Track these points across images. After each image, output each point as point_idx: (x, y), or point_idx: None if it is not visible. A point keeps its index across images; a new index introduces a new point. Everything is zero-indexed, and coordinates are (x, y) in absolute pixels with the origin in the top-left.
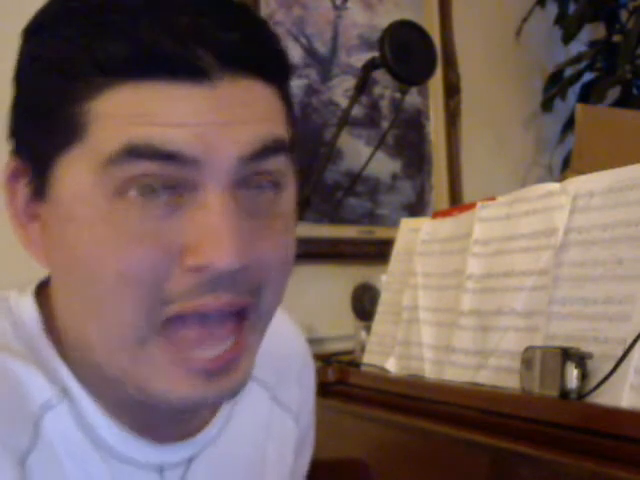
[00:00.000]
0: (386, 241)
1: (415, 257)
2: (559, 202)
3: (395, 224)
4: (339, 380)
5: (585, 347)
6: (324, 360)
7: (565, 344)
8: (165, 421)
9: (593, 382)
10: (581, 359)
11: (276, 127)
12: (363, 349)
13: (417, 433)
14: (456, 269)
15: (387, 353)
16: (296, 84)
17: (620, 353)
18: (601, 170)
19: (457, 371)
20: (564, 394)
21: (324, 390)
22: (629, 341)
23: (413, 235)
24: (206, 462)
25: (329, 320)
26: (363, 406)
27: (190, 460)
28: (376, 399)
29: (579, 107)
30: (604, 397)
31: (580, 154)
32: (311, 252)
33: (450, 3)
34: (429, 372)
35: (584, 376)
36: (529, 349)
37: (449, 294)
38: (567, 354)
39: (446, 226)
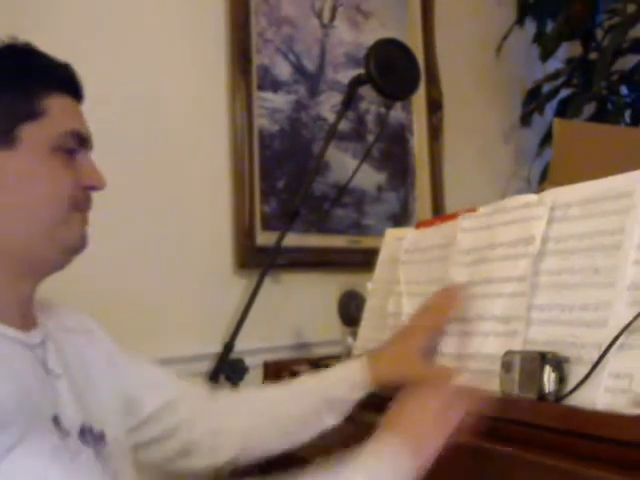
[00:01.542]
0: (372, 250)
1: (399, 265)
2: (537, 212)
3: (380, 234)
4: None
5: (562, 351)
6: (312, 364)
7: (543, 349)
8: (22, 312)
9: (570, 385)
10: (558, 363)
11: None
12: (350, 354)
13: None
14: (439, 277)
15: None
16: (285, 99)
17: (596, 357)
18: (578, 182)
19: None
20: (542, 396)
21: None
22: (604, 346)
23: (397, 244)
24: (52, 346)
25: (317, 326)
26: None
27: (43, 342)
28: (365, 402)
29: (556, 122)
30: (580, 399)
31: (557, 167)
32: (300, 261)
33: (433, 22)
34: None
35: (561, 379)
36: (508, 353)
37: None
38: (545, 358)
39: (428, 236)
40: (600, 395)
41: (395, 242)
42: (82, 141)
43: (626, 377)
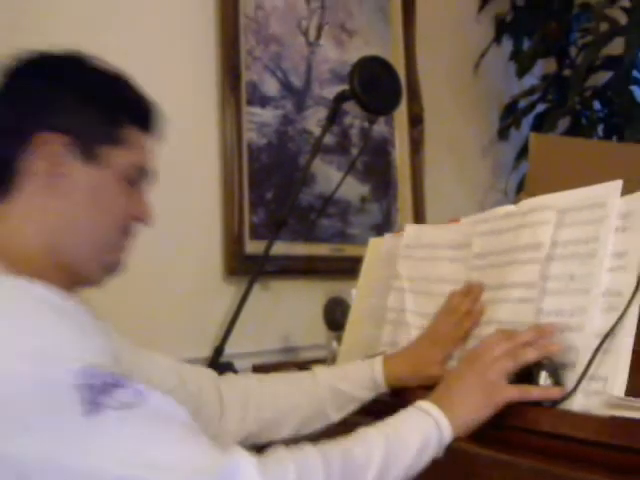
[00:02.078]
0: (356, 258)
1: (398, 260)
2: (545, 217)
3: (364, 243)
4: None
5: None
6: (299, 367)
7: None
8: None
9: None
10: (554, 369)
11: None
12: (335, 357)
13: None
14: (451, 278)
15: (360, 354)
16: (273, 114)
17: (573, 361)
18: (553, 193)
19: None
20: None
21: None
22: (581, 350)
23: (391, 242)
24: None
25: (303, 331)
26: None
27: None
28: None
29: (532, 136)
30: (568, 403)
31: (533, 179)
32: (287, 268)
33: (414, 40)
34: None
35: (557, 384)
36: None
37: (439, 300)
38: (541, 364)
39: (431, 233)
40: (576, 397)
41: (385, 242)
42: (145, 177)
43: (601, 380)
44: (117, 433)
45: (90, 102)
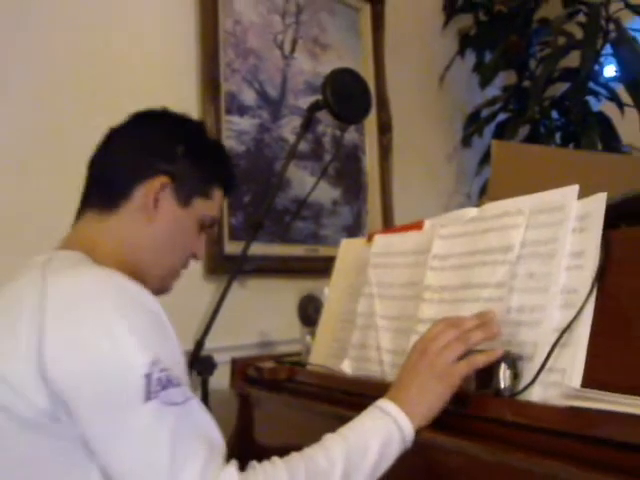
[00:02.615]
0: (328, 258)
1: (368, 268)
2: (516, 221)
3: (336, 244)
4: (289, 378)
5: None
6: (276, 360)
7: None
8: None
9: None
10: (513, 361)
11: None
12: (308, 351)
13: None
14: (412, 281)
15: (332, 355)
16: (250, 123)
17: (532, 354)
18: (514, 197)
19: None
20: (498, 392)
21: (275, 386)
22: (540, 344)
23: (361, 250)
24: None
25: (279, 326)
26: (309, 400)
27: None
28: (320, 394)
29: (494, 143)
30: (527, 394)
31: (495, 183)
32: (264, 268)
33: (383, 54)
34: (389, 374)
35: (516, 376)
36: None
37: (406, 303)
38: (500, 357)
39: (398, 242)
40: (535, 389)
41: (355, 249)
42: (212, 226)
43: (559, 372)
44: (154, 422)
45: (197, 161)
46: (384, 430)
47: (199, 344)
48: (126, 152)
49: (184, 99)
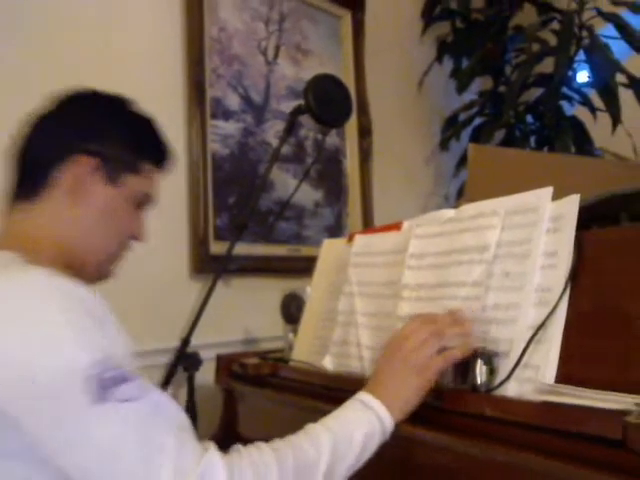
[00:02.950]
0: (310, 258)
1: (349, 268)
2: (491, 222)
3: (318, 244)
4: (272, 374)
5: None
6: (259, 357)
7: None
8: None
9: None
10: (489, 357)
11: None
12: (291, 348)
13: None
14: (391, 280)
15: (314, 352)
16: (235, 127)
17: (507, 351)
18: (490, 199)
19: None
20: (474, 387)
21: (259, 381)
22: (515, 341)
23: (342, 250)
24: None
25: (262, 323)
26: (291, 395)
27: None
28: (302, 389)
29: (471, 146)
30: (503, 389)
31: (472, 186)
32: (248, 267)
33: (363, 60)
34: (368, 370)
35: (492, 372)
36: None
37: (385, 301)
38: (477, 352)
39: (377, 241)
40: (511, 384)
41: (336, 249)
42: (149, 203)
43: (533, 368)
44: (114, 422)
45: (123, 137)
46: (367, 422)
47: (185, 341)
48: (46, 135)
49: (171, 104)
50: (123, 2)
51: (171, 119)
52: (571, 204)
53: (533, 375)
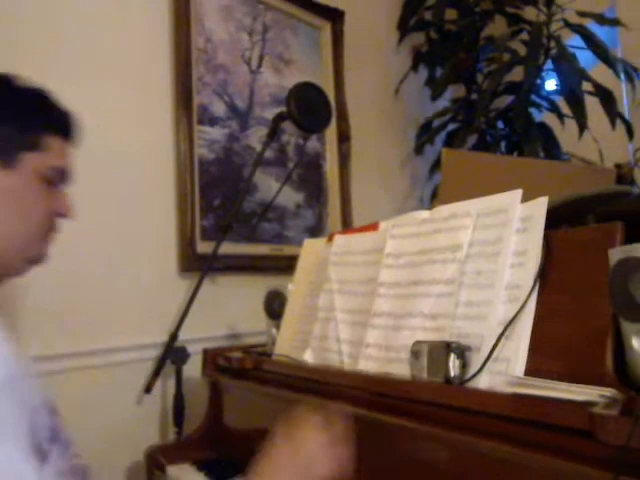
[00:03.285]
0: (292, 257)
1: (329, 266)
2: (464, 222)
3: (299, 243)
4: (255, 367)
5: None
6: (243, 351)
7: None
8: None
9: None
10: (462, 351)
11: None
12: (274, 342)
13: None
14: (368, 278)
15: (296, 346)
16: (220, 132)
17: (479, 346)
18: (463, 201)
19: (370, 363)
20: (447, 380)
21: (243, 374)
22: (486, 336)
23: (322, 250)
24: None
25: (247, 319)
26: (274, 387)
27: None
28: (284, 382)
29: (444, 151)
30: (474, 382)
31: (445, 188)
32: (232, 265)
33: (342, 68)
34: (347, 363)
35: (464, 365)
36: (417, 343)
37: (363, 298)
38: (450, 347)
39: (356, 241)
40: (482, 377)
41: (317, 248)
42: (64, 177)
43: (504, 361)
44: None
45: (10, 114)
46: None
47: (173, 336)
48: None
49: (159, 110)
50: (114, 13)
51: (160, 125)
52: (540, 205)
53: (504, 368)
